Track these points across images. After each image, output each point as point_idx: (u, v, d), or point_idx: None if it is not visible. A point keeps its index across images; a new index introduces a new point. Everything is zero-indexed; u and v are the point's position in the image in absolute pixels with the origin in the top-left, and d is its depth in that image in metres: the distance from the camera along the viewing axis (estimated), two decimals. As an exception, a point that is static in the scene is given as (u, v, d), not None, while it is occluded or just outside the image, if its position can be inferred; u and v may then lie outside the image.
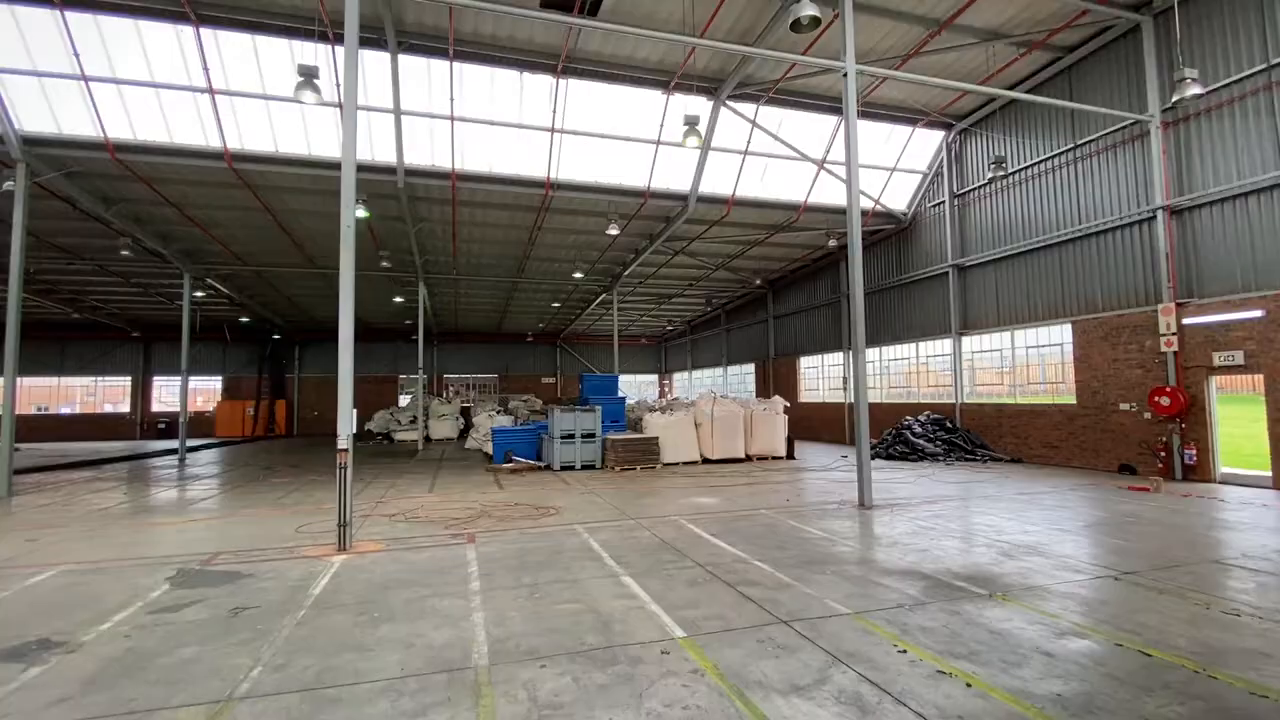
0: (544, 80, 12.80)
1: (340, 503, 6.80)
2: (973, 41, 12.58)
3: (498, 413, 21.81)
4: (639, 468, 14.31)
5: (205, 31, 10.96)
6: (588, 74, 12.81)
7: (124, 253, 17.28)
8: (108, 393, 32.48)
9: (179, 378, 19.97)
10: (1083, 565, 5.97)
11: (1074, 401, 13.61)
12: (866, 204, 17.58)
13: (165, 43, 11.13)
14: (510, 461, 15.39)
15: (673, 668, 3.78)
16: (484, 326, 34.52)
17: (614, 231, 16.45)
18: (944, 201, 17.20)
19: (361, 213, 13.75)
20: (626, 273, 22.05)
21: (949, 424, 16.25)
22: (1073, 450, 13.61)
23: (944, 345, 17.52)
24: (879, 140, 16.14)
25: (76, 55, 10.99)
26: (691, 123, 11.90)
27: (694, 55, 12.46)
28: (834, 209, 17.46)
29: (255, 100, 12.18)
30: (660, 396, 37.64)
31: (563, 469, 14.38)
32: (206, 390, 32.80)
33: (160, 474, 15.41)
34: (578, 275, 22.56)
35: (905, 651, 3.97)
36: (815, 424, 23.03)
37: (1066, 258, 13.87)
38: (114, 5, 10.41)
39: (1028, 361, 15.19)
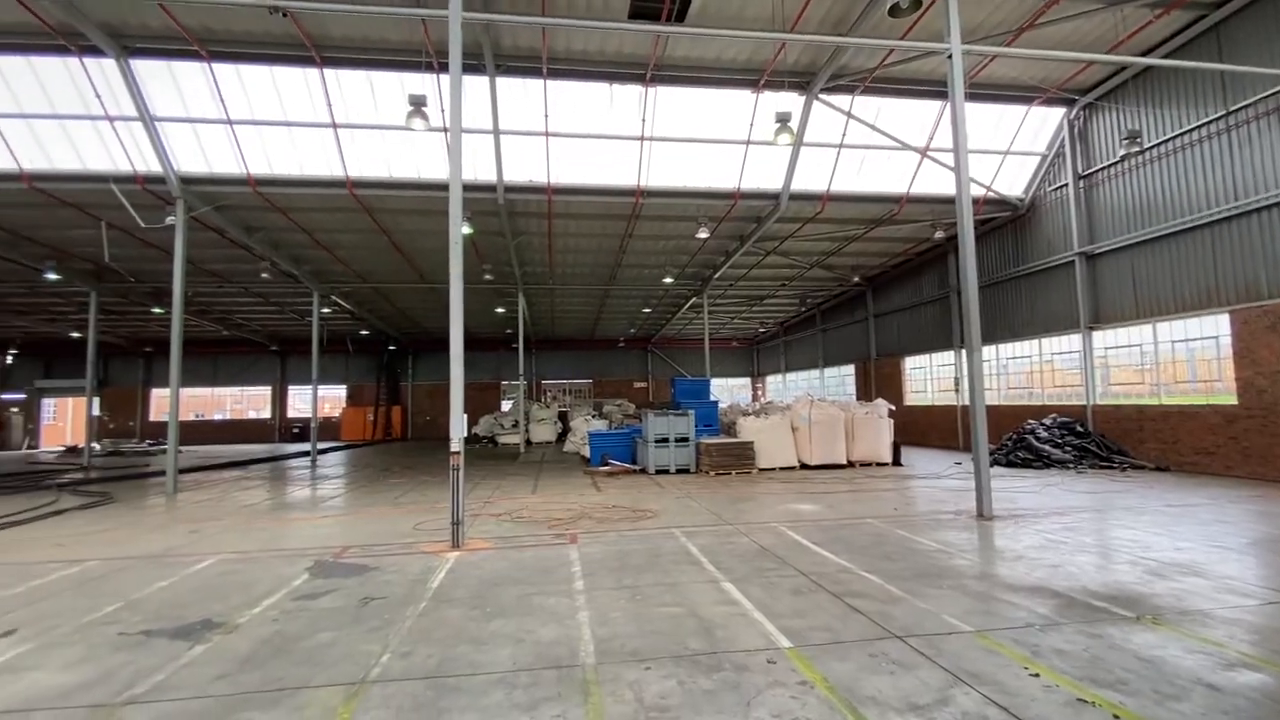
0: (632, 90, 13.00)
1: (453, 502, 7.22)
2: (1097, 7, 11.42)
3: (593, 417, 22.31)
4: (734, 472, 14.13)
5: (328, 72, 12.08)
6: (676, 80, 12.87)
7: (264, 275, 19.36)
8: (252, 401, 36.44)
9: (310, 386, 22.08)
10: (1252, 589, 5.22)
11: (1235, 402, 11.95)
12: (977, 191, 16.39)
13: (295, 85, 12.36)
14: (606, 465, 15.69)
15: (780, 678, 3.68)
16: (578, 333, 35.55)
17: (704, 235, 16.40)
18: (1067, 184, 15.71)
19: (466, 229, 14.59)
20: (717, 275, 21.91)
21: (1079, 427, 14.77)
22: (1234, 457, 11.95)
23: (1071, 341, 15.97)
24: (989, 122, 15.03)
25: (222, 101, 12.46)
26: (783, 120, 11.65)
27: (784, 51, 12.20)
28: (939, 199, 16.44)
29: (371, 130, 13.26)
30: (753, 400, 36.98)
31: (657, 472, 14.47)
32: (333, 398, 35.93)
33: (295, 474, 17.05)
34: (668, 280, 22.68)
35: (1038, 675, 3.64)
36: (923, 428, 21.73)
37: (1221, 239, 12.23)
38: (253, 55, 11.71)
39: (1173, 357, 13.53)
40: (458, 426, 7.29)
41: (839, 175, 15.45)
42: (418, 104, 10.15)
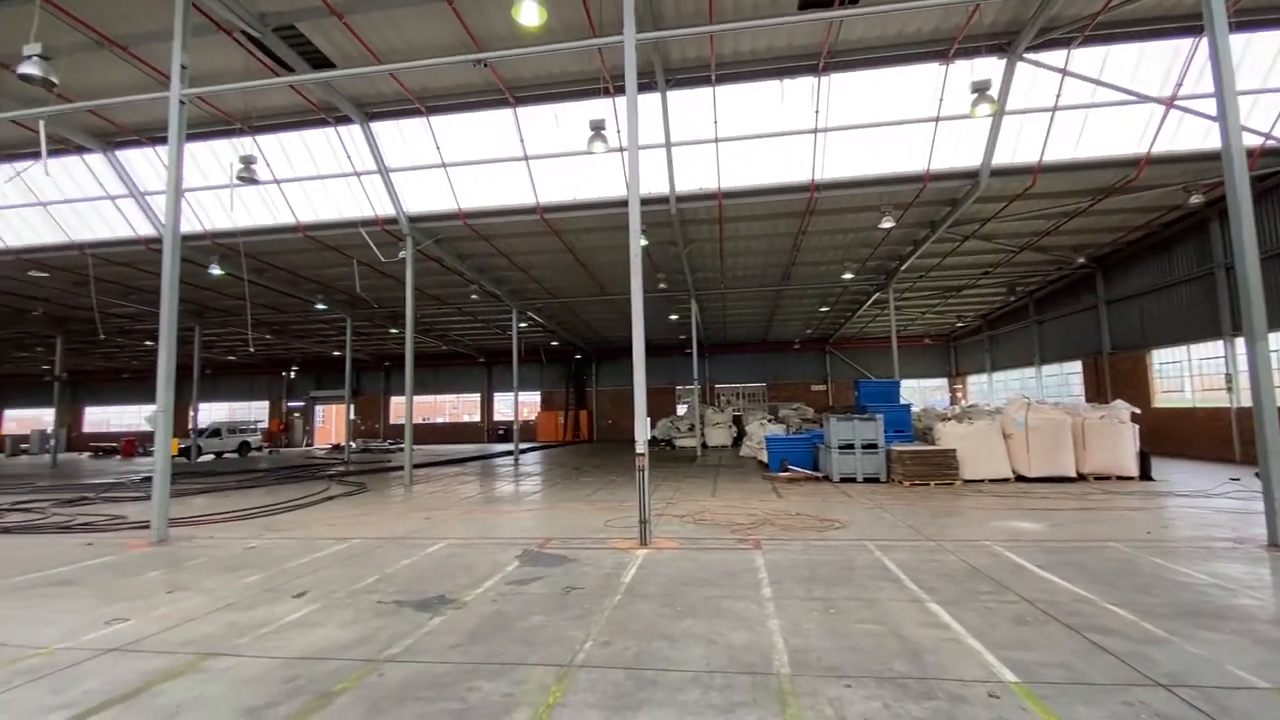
0: (804, 82, 12.57)
1: (640, 502, 7.53)
2: None
3: (768, 421, 21.86)
4: (932, 483, 12.88)
5: (520, 110, 13.41)
6: (851, 64, 12.18)
7: (473, 296, 22.04)
8: (465, 406, 41.60)
9: (511, 393, 24.60)
10: None
11: None
12: (1252, 141, 13.16)
13: (493, 126, 13.89)
14: (786, 470, 15.26)
15: (1006, 715, 3.26)
16: (750, 336, 35.16)
17: (888, 224, 15.27)
18: (1398, 115, 11.95)
19: (643, 241, 15.25)
20: (904, 267, 20.25)
21: None
22: None
23: None
24: (1266, 52, 11.99)
25: (438, 148, 14.41)
26: (980, 89, 10.46)
27: (978, 13, 10.93)
28: (1195, 156, 13.48)
29: (556, 158, 14.42)
30: (951, 403, 33.51)
31: (842, 480, 13.71)
32: (530, 403, 39.65)
33: (501, 471, 19.06)
34: (847, 276, 21.49)
35: (1389, 760, 2.78)
36: (1181, 436, 17.93)
37: None
38: (460, 105, 13.40)
39: None
40: (642, 430, 7.60)
41: (1053, 142, 13.40)
42: (597, 128, 10.85)
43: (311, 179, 15.47)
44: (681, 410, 35.11)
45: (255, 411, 42.28)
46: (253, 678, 3.95)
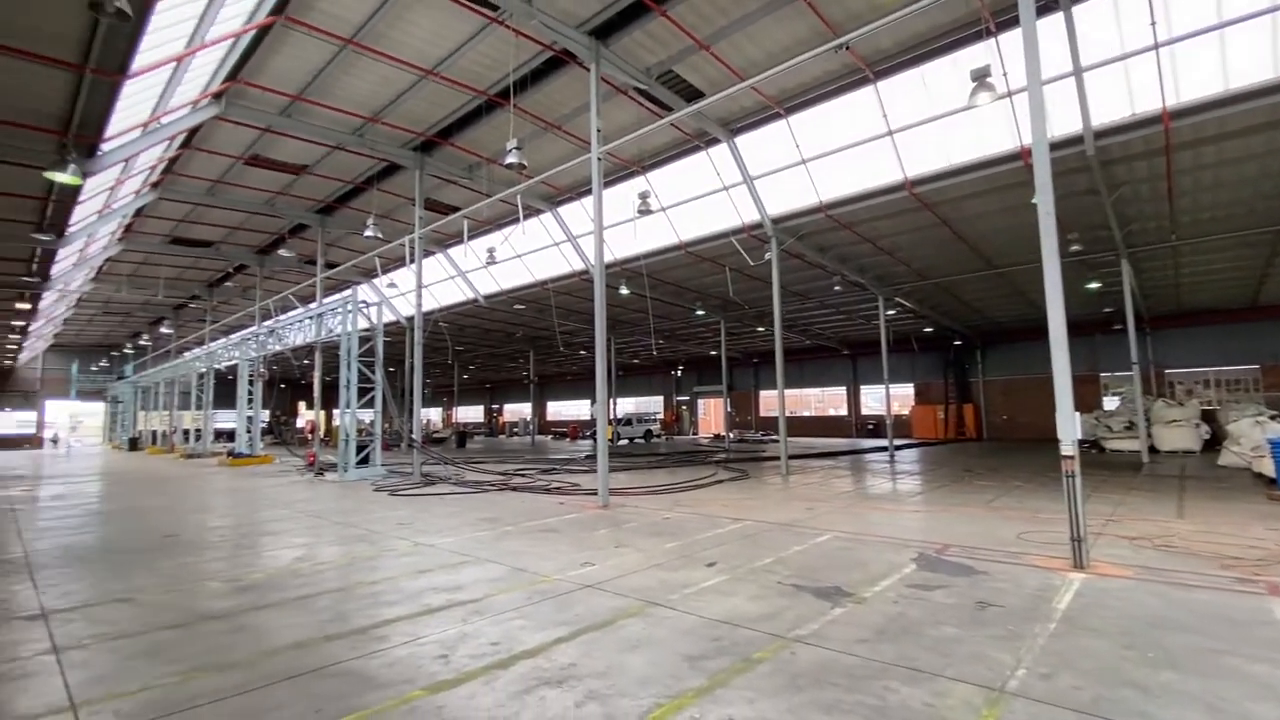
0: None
1: (1072, 515, 6.20)
2: None
3: (1272, 417, 15.54)
4: None
5: (881, 84, 12.61)
6: None
7: (836, 288, 21.69)
8: (830, 399, 41.27)
9: (879, 386, 23.33)
10: None
11: None
12: None
13: (850, 108, 13.40)
14: (1313, 488, 10.56)
15: None
16: (1225, 301, 25.52)
17: None
18: None
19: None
20: None
21: None
22: None
23: None
24: None
25: (797, 146, 14.61)
26: None
27: None
28: None
29: (924, 126, 13.08)
30: None
31: None
32: (900, 395, 36.97)
33: (876, 467, 18.21)
34: None
35: None
36: None
37: None
38: (816, 98, 13.33)
39: None
40: (1069, 427, 6.24)
41: None
42: (980, 76, 9.41)
43: (689, 201, 17.54)
44: (1110, 403, 27.81)
45: (653, 405, 50.18)
46: (686, 630, 4.62)
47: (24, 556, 7.67)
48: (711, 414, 47.77)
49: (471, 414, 67.53)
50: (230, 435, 32.61)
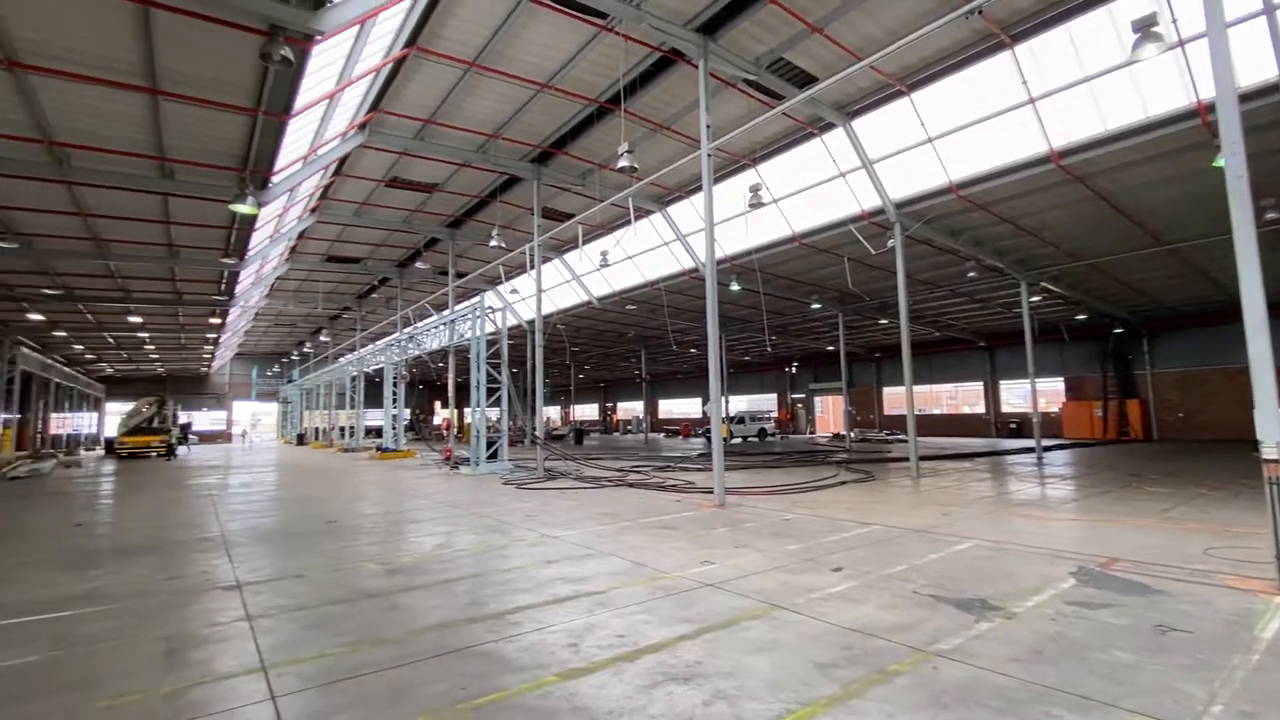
0: None
1: (1276, 529, 5.26)
2: None
3: None
4: None
5: (1019, 48, 11.44)
6: None
7: (970, 275, 19.99)
8: (964, 396, 38.13)
9: (1021, 380, 21.16)
10: None
11: None
12: None
13: (984, 78, 12.27)
14: None
15: None
16: None
17: None
18: None
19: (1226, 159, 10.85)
20: None
21: None
22: None
23: None
24: None
25: (922, 124, 13.62)
26: None
27: None
28: None
29: (1074, 90, 11.69)
30: None
31: None
32: (1048, 391, 33.28)
33: (1021, 470, 16.55)
34: None
35: None
36: None
37: None
38: (942, 71, 12.34)
39: None
40: (1272, 426, 5.29)
41: None
42: (1145, 26, 8.24)
43: (802, 191, 16.95)
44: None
45: (766, 403, 49.11)
46: (814, 635, 4.45)
47: (221, 536, 8.96)
48: (830, 412, 45.91)
49: (587, 411, 69.86)
50: (378, 431, 36.14)
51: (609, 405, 66.74)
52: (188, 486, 16.22)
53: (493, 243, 18.54)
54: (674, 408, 58.42)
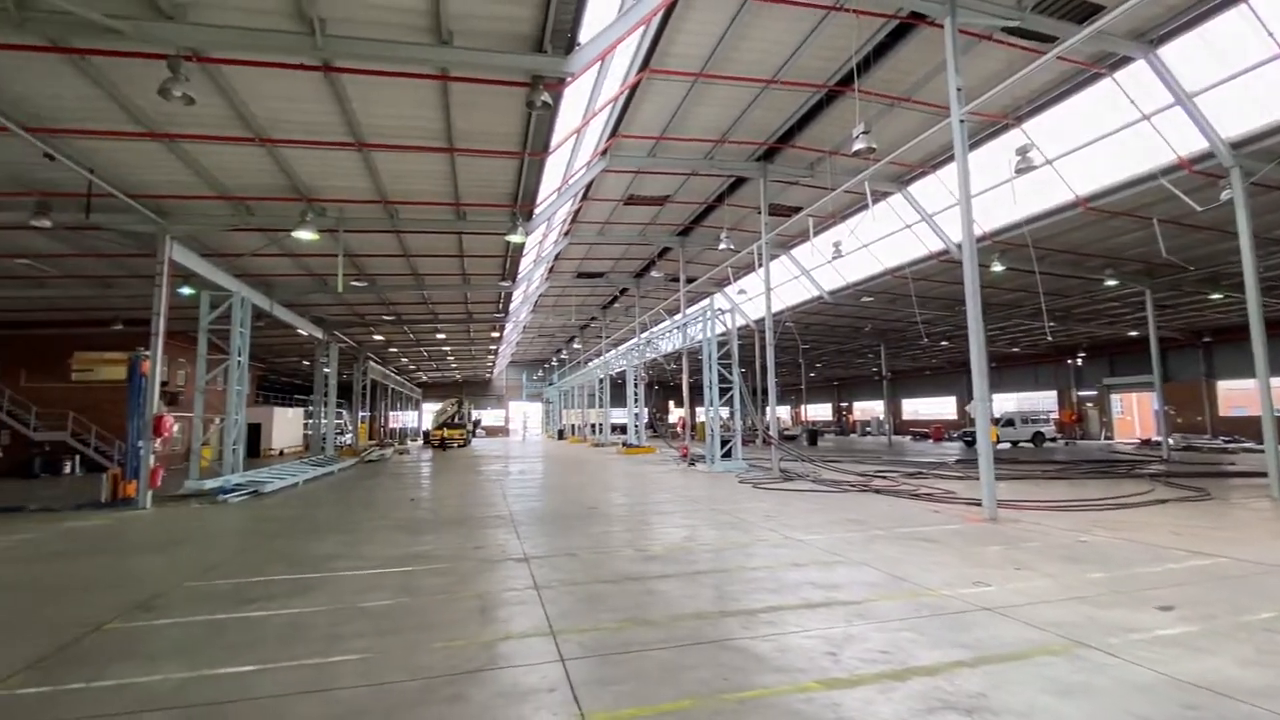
0: None
1: None
2: None
3: None
4: None
5: None
6: None
7: (1364, 224, 14.54)
8: (1357, 391, 27.79)
9: None
10: None
11: None
12: None
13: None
14: None
15: None
16: None
17: None
18: None
19: None
20: None
21: None
22: None
23: None
24: None
25: (1271, 34, 10.30)
26: None
27: None
28: None
29: None
30: None
31: None
32: None
33: None
34: None
35: None
36: None
37: None
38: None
39: None
40: None
41: None
42: None
43: (1085, 146, 14.06)
44: None
45: (1042, 401, 41.73)
46: (1139, 686, 3.63)
47: (509, 515, 10.58)
48: (1133, 412, 37.35)
49: (819, 412, 67.06)
50: (623, 429, 39.42)
51: (843, 405, 63.23)
52: (481, 472, 19.54)
53: (721, 245, 18.87)
54: (920, 408, 53.00)
